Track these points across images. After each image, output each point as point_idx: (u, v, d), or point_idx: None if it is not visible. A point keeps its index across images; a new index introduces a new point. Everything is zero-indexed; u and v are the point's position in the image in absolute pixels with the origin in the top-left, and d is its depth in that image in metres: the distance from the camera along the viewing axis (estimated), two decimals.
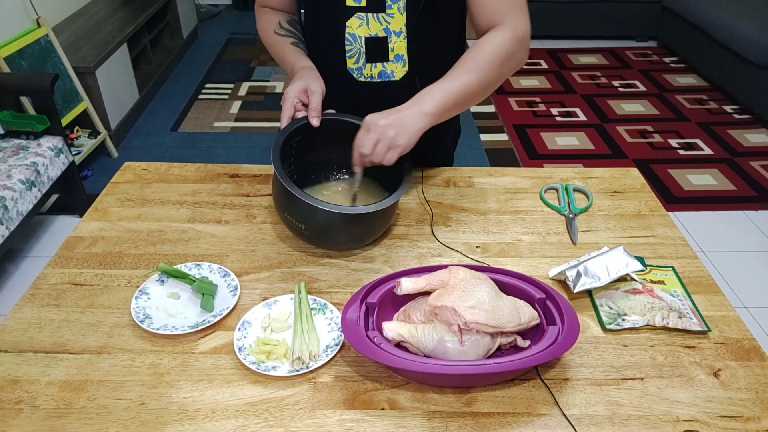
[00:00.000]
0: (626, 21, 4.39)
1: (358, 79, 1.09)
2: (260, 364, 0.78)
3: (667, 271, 0.96)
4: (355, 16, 1.03)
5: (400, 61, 1.07)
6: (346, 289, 0.92)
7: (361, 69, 1.08)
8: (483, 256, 0.99)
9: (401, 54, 1.06)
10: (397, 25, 1.03)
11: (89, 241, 1.02)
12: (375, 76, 1.08)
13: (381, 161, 0.92)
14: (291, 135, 1.00)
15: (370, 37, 1.04)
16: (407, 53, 1.06)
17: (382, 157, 0.92)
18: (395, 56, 1.06)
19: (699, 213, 2.63)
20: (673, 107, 3.55)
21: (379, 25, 1.03)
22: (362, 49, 1.05)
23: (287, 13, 1.17)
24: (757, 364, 0.80)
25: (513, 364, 0.72)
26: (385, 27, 1.04)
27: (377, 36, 1.04)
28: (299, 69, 1.06)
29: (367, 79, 1.08)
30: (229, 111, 3.54)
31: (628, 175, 1.22)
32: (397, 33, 1.04)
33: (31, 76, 2.42)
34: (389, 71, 1.08)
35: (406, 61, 1.07)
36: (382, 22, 1.03)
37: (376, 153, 0.91)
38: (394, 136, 0.91)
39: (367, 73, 1.08)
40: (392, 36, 1.04)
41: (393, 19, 1.03)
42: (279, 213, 0.98)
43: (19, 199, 2.08)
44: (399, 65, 1.07)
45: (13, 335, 0.83)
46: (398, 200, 0.96)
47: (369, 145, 0.91)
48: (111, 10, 3.50)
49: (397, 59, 1.07)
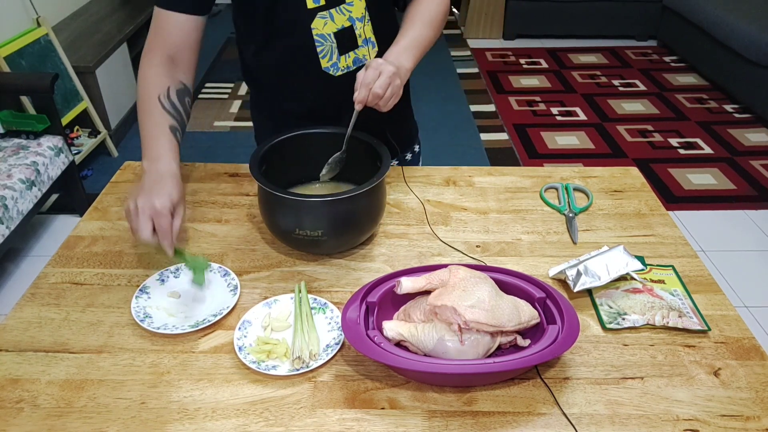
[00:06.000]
0: (626, 20, 4.39)
1: (335, 75, 1.10)
2: (260, 364, 0.78)
3: (667, 270, 0.96)
4: (317, 16, 1.04)
5: (369, 44, 1.10)
6: (346, 289, 0.92)
7: (336, 64, 1.09)
8: (483, 255, 0.99)
9: (368, 37, 1.09)
10: (359, 11, 1.06)
11: (89, 241, 1.02)
12: (351, 66, 1.10)
13: (384, 106, 0.96)
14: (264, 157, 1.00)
15: (338, 30, 1.06)
16: (374, 35, 1.09)
17: (387, 102, 0.95)
18: (363, 41, 1.09)
19: (699, 212, 2.63)
20: (673, 106, 3.55)
21: (343, 17, 1.05)
22: (333, 44, 1.07)
23: (180, 78, 1.03)
24: (757, 364, 0.80)
25: (513, 363, 0.72)
26: (348, 16, 1.06)
27: (344, 27, 1.06)
28: (165, 173, 0.92)
29: (344, 71, 1.10)
30: (229, 110, 3.54)
31: (628, 174, 1.22)
32: (360, 18, 1.07)
33: (30, 76, 2.42)
34: (361, 56, 1.10)
35: (374, 42, 1.10)
36: (345, 12, 1.05)
37: (386, 96, 0.94)
38: (399, 86, 0.96)
39: (342, 65, 1.09)
40: (356, 23, 1.07)
41: (353, 7, 1.05)
42: (285, 235, 0.95)
43: (20, 198, 2.08)
44: (369, 48, 1.10)
45: (14, 334, 0.83)
46: (384, 178, 0.95)
47: (383, 86, 0.93)
48: (111, 10, 3.50)
49: (366, 43, 1.09)
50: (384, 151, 0.98)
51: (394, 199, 1.12)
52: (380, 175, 0.93)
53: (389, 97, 0.95)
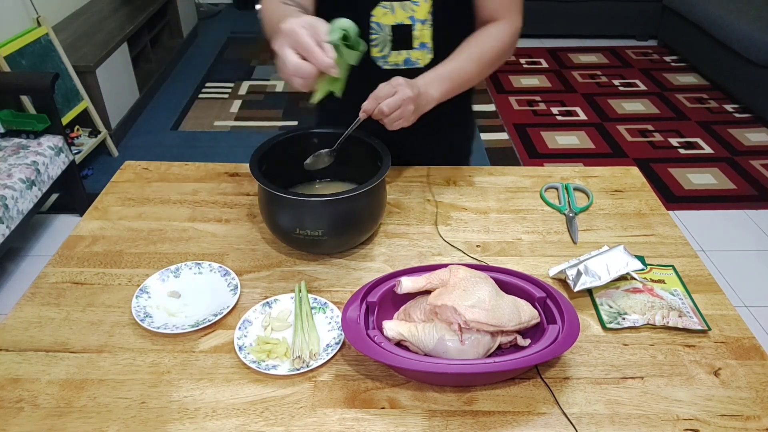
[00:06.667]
0: (626, 20, 4.39)
1: (383, 67, 1.10)
2: (260, 363, 0.78)
3: (667, 270, 0.96)
4: (379, 5, 1.05)
5: (424, 48, 1.09)
6: (346, 288, 0.92)
7: (386, 57, 1.09)
8: (483, 255, 0.99)
9: (425, 42, 1.08)
10: (422, 13, 1.05)
11: (89, 240, 1.02)
12: (400, 63, 1.10)
13: (389, 125, 0.96)
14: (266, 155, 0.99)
15: (396, 25, 1.06)
16: (432, 41, 1.09)
17: (393, 122, 0.95)
18: (419, 44, 1.08)
19: (699, 212, 2.63)
20: (674, 106, 3.55)
21: (405, 14, 1.05)
22: (388, 37, 1.07)
23: None
24: (757, 363, 0.80)
25: (513, 363, 0.72)
26: (411, 15, 1.05)
27: (402, 24, 1.06)
28: (296, 16, 0.85)
29: (393, 66, 1.10)
30: (230, 110, 3.54)
31: (628, 174, 1.22)
32: (422, 21, 1.06)
33: (31, 75, 2.42)
34: (414, 59, 1.10)
35: (431, 48, 1.09)
36: (408, 10, 1.05)
37: (391, 117, 0.94)
38: (412, 112, 0.95)
39: (392, 60, 1.10)
40: (417, 24, 1.06)
41: (418, 7, 1.05)
42: (285, 235, 0.95)
43: (20, 198, 2.08)
44: (423, 53, 1.10)
45: (14, 334, 0.83)
46: (384, 178, 0.95)
47: (392, 106, 0.93)
48: (111, 9, 3.50)
49: (422, 47, 1.09)
50: (384, 151, 0.98)
51: (394, 199, 1.12)
52: (380, 175, 0.93)
53: (395, 119, 0.94)
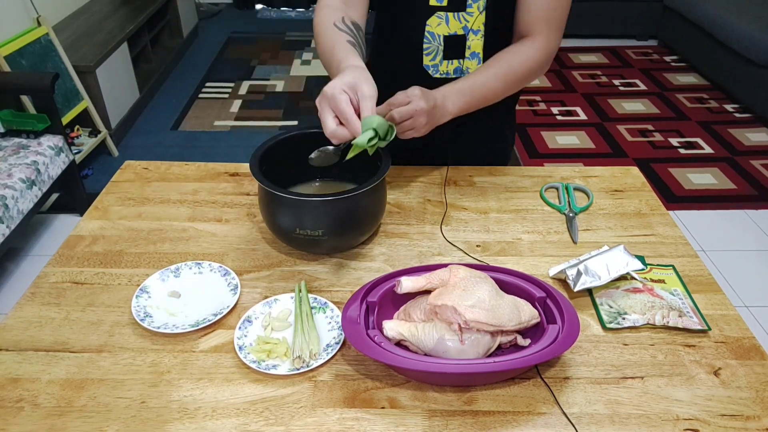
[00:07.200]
0: (627, 20, 4.39)
1: (433, 75, 1.12)
2: (261, 363, 0.78)
3: (667, 269, 0.96)
4: (435, 15, 1.06)
5: (475, 58, 1.10)
6: (346, 288, 0.92)
7: (437, 66, 1.11)
8: (483, 254, 0.99)
9: (477, 52, 1.10)
10: (476, 24, 1.06)
11: (90, 240, 1.02)
12: (451, 73, 1.11)
13: (399, 134, 0.95)
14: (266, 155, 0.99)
15: (449, 35, 1.07)
16: (483, 51, 1.10)
17: (403, 131, 0.96)
18: (471, 54, 1.10)
19: (699, 212, 2.63)
20: (674, 106, 3.55)
21: (459, 24, 1.06)
22: (440, 47, 1.08)
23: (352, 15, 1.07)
24: (757, 363, 0.80)
25: (513, 362, 0.72)
26: (464, 25, 1.07)
27: (456, 34, 1.07)
28: (348, 66, 0.88)
29: (443, 75, 1.12)
30: (230, 110, 3.54)
31: (628, 174, 1.22)
32: (475, 31, 1.07)
33: (31, 75, 2.42)
34: (465, 68, 1.11)
35: (481, 58, 1.10)
36: (462, 20, 1.06)
37: (402, 126, 0.95)
38: (423, 125, 0.96)
39: (443, 69, 1.11)
40: (470, 34, 1.07)
41: (472, 18, 1.06)
42: (285, 235, 0.95)
43: (20, 197, 2.08)
44: (474, 62, 1.11)
45: (14, 334, 0.83)
46: (384, 177, 0.95)
47: (404, 115, 0.93)
48: (111, 9, 3.50)
49: (473, 56, 1.10)
50: (384, 151, 0.98)
51: (394, 199, 1.12)
52: (380, 175, 0.93)
53: (406, 128, 0.95)
